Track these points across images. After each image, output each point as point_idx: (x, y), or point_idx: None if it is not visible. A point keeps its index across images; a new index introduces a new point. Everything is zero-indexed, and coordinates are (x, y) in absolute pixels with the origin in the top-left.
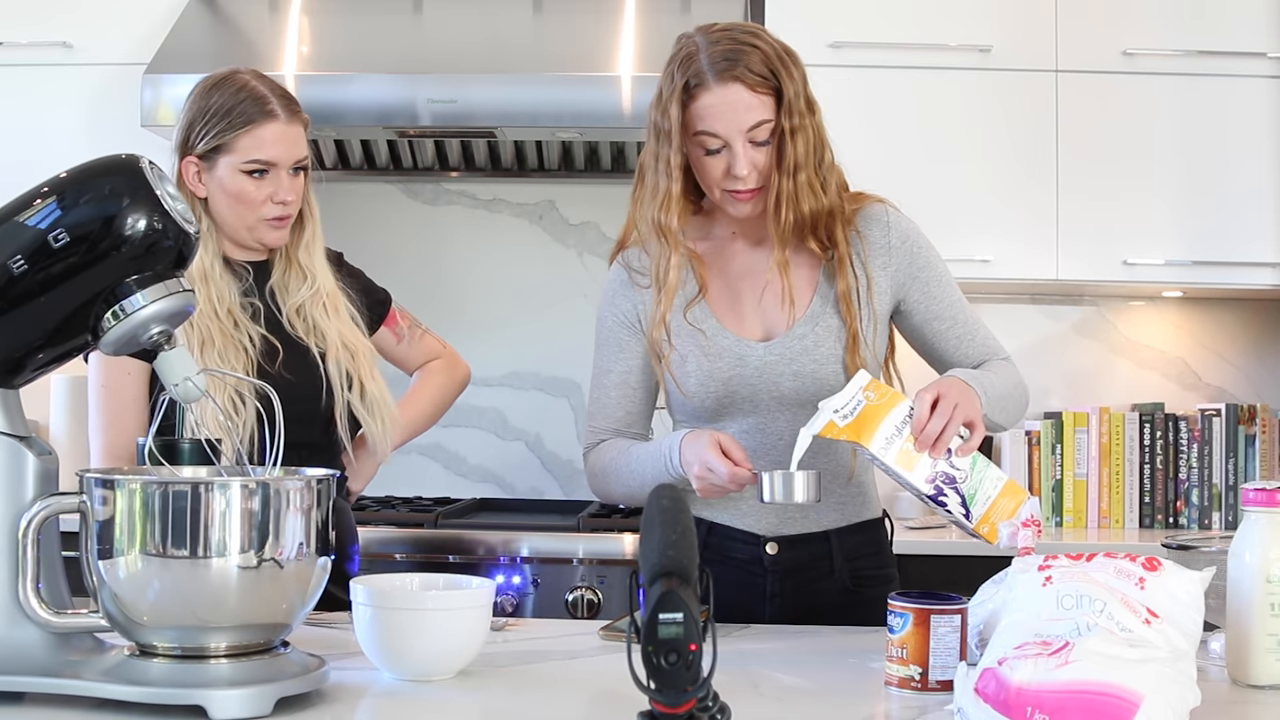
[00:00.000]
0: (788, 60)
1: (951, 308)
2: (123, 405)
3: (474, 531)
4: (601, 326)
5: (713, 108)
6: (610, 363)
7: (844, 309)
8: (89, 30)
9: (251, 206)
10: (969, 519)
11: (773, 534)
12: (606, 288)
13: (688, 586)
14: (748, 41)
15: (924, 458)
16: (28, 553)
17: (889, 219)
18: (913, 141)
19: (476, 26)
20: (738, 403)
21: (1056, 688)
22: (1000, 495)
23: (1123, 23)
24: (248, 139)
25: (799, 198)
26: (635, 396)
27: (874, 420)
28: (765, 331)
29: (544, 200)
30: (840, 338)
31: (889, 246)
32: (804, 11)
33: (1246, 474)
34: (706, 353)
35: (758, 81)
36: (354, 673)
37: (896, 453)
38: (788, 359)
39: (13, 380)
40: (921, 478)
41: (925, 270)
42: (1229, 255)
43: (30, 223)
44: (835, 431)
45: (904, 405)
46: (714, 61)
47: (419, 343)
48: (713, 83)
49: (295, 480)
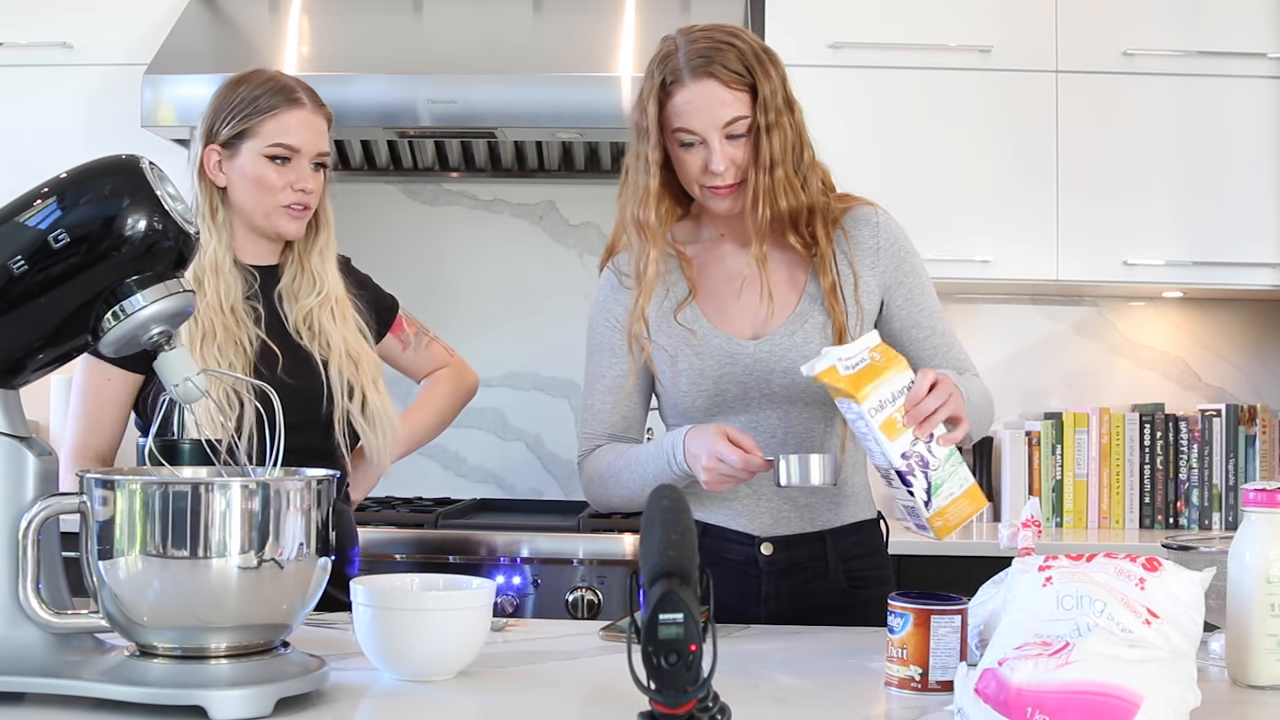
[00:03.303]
0: (764, 58)
1: (931, 318)
2: (99, 408)
3: (474, 532)
4: (594, 332)
5: (688, 104)
6: (603, 367)
7: (830, 304)
8: (89, 30)
9: (271, 193)
10: (927, 507)
11: (767, 534)
12: (598, 293)
13: (688, 587)
14: (725, 40)
15: (906, 434)
16: (28, 553)
17: (878, 221)
18: (912, 142)
19: (476, 26)
20: (729, 401)
21: (1056, 688)
22: (962, 496)
23: (1123, 23)
24: (272, 123)
25: (776, 194)
26: (629, 401)
27: (873, 379)
28: (754, 329)
29: (544, 200)
30: (827, 334)
31: (877, 248)
32: (804, 11)
33: (1246, 474)
34: (697, 352)
35: (733, 78)
36: (354, 673)
37: (884, 419)
38: (777, 356)
39: (13, 380)
40: (898, 451)
41: (910, 277)
42: (1229, 255)
43: (30, 223)
44: (835, 378)
45: (904, 376)
46: (690, 59)
47: (426, 350)
48: (688, 79)
49: (295, 481)
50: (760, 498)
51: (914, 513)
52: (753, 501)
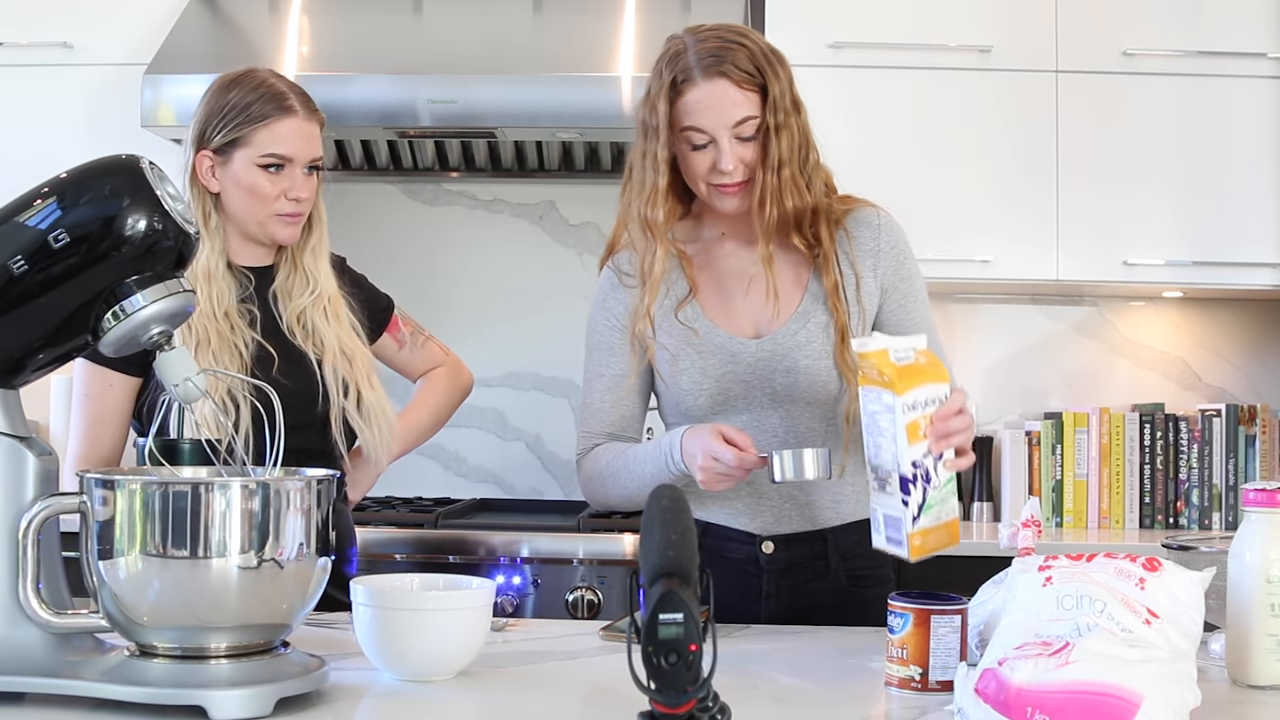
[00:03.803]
0: (774, 59)
1: (919, 325)
2: (102, 414)
3: (474, 532)
4: (593, 330)
5: (699, 103)
6: (603, 366)
7: (832, 304)
8: (89, 30)
9: (265, 201)
10: (914, 523)
11: (768, 533)
12: (597, 292)
13: (688, 587)
14: (735, 40)
15: (923, 444)
16: (28, 553)
17: (880, 223)
18: (913, 142)
19: (476, 26)
20: (731, 400)
21: (1056, 688)
22: (945, 524)
23: (1123, 23)
24: (264, 133)
25: (783, 194)
26: (628, 400)
27: (915, 380)
28: (756, 329)
29: (544, 200)
30: (830, 334)
31: (878, 250)
32: (804, 11)
33: (1246, 474)
34: (699, 351)
35: (744, 78)
36: (354, 673)
37: (910, 420)
38: (779, 355)
39: (13, 380)
40: (910, 457)
41: (905, 283)
42: (1229, 255)
43: (30, 223)
44: (885, 362)
45: (942, 388)
46: (701, 58)
47: (421, 350)
48: (699, 79)
49: (295, 481)
50: (761, 496)
51: (895, 524)
52: (754, 500)
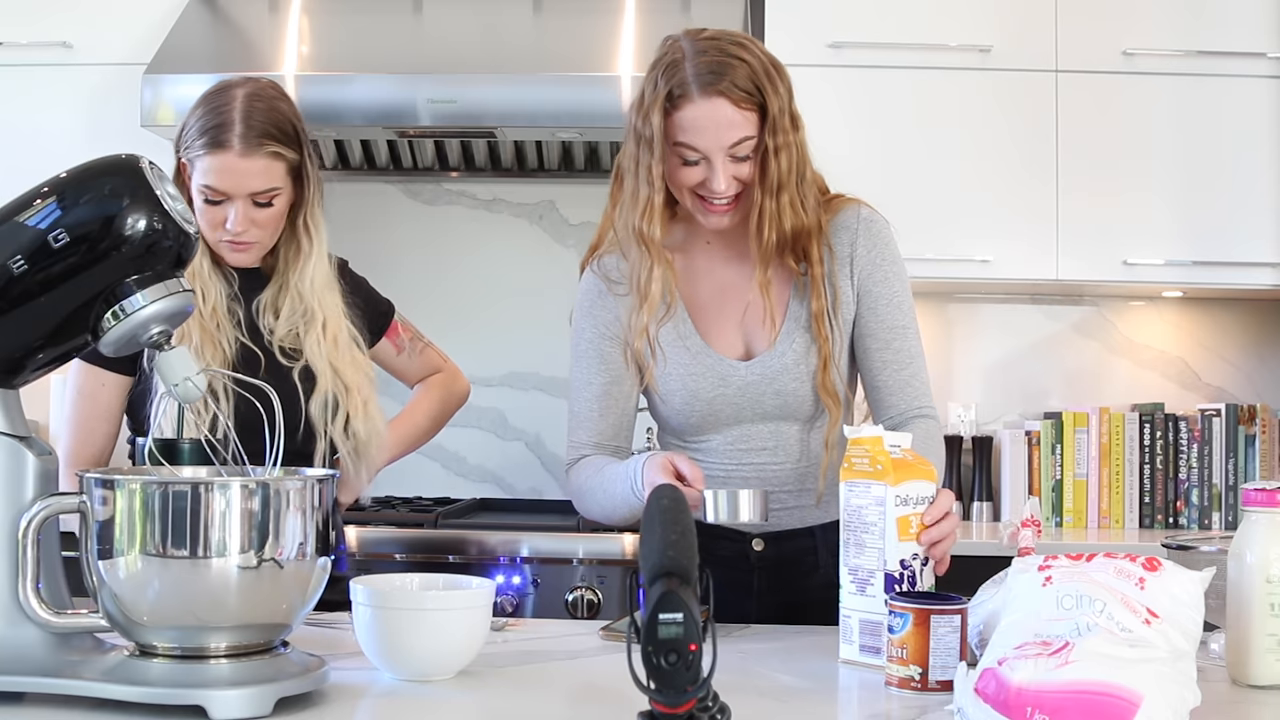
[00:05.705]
0: (774, 75)
1: (890, 331)
2: (94, 413)
3: (474, 532)
4: (580, 338)
5: (695, 121)
6: (591, 375)
7: (816, 329)
8: (89, 30)
9: (207, 227)
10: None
11: (759, 530)
12: (582, 298)
13: (688, 586)
14: (735, 54)
15: (911, 544)
16: (28, 553)
17: (857, 224)
18: (913, 142)
19: (476, 26)
20: (721, 419)
21: (1056, 688)
22: None
23: (1123, 23)
24: (201, 164)
25: (782, 217)
26: (617, 409)
27: (907, 474)
28: (746, 349)
29: (544, 200)
30: (812, 356)
31: (853, 254)
32: (804, 11)
33: (1246, 474)
34: (690, 371)
35: (742, 97)
36: (354, 673)
37: (900, 515)
38: (769, 378)
39: (13, 380)
40: (899, 555)
41: (879, 286)
42: (1229, 255)
43: (30, 223)
44: (879, 450)
45: (929, 486)
46: (699, 73)
47: (420, 356)
48: (696, 95)
49: (295, 480)
50: None
51: (874, 630)
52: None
